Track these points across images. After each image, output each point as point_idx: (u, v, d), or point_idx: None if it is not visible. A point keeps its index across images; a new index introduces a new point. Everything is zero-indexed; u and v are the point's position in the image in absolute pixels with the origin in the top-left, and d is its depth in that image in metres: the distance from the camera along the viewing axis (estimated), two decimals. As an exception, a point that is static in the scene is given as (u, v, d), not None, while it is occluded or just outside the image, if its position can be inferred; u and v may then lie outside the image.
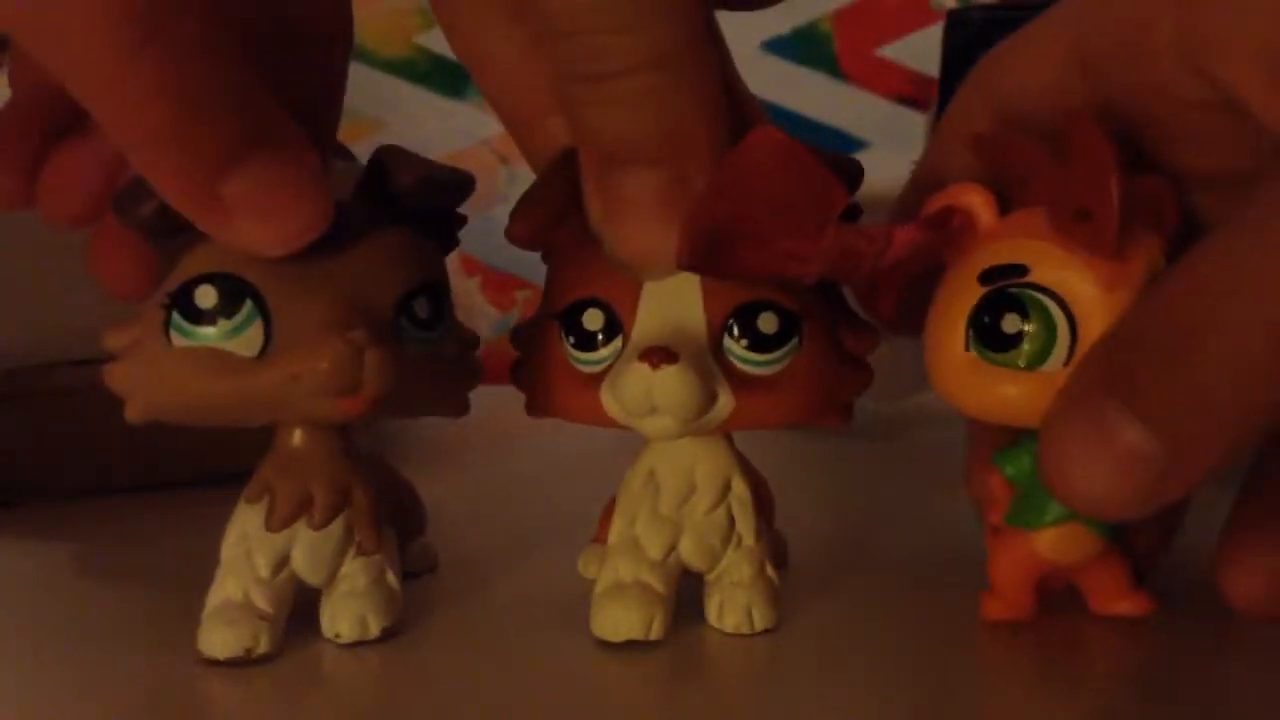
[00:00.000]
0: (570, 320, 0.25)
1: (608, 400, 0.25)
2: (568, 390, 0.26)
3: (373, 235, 0.25)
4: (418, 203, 0.25)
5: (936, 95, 0.46)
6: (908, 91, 0.58)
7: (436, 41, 0.58)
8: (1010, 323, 0.25)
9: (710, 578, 0.27)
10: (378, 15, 0.58)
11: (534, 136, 0.26)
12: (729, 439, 0.27)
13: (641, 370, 0.24)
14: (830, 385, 0.26)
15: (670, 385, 0.24)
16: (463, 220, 0.27)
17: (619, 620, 0.26)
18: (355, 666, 0.25)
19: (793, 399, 0.25)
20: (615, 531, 0.26)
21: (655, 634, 0.26)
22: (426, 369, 0.25)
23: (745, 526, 0.27)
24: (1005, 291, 0.25)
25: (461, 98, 0.58)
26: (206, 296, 0.24)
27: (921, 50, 0.54)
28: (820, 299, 0.26)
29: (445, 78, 0.58)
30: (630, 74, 0.21)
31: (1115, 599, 0.27)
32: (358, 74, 0.57)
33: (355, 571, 0.26)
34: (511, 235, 0.26)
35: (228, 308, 0.23)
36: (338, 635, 0.26)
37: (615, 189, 0.23)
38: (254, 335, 0.24)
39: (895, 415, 0.47)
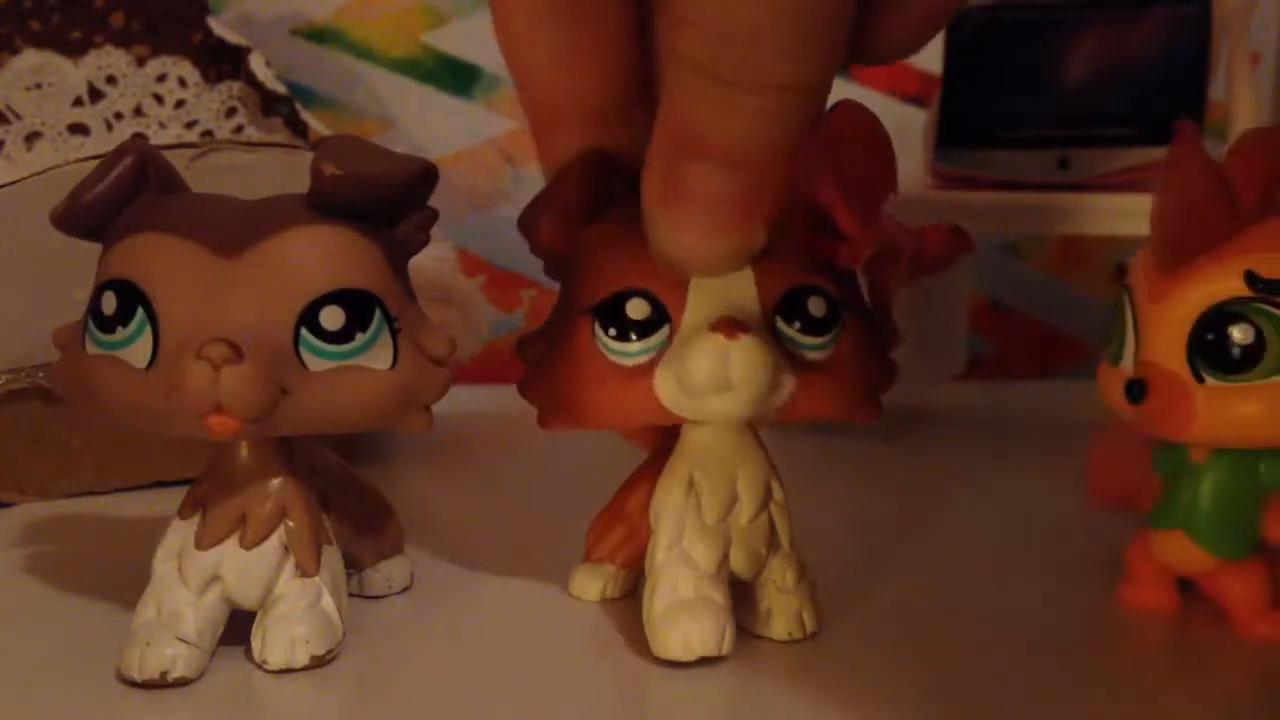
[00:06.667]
0: (610, 312, 0.24)
1: (665, 384, 0.24)
2: (604, 387, 0.24)
3: (286, 235, 0.23)
4: (349, 199, 0.23)
5: (939, 93, 0.46)
6: (912, 90, 0.58)
7: (444, 40, 0.58)
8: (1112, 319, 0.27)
9: (754, 584, 0.26)
10: (385, 14, 0.58)
11: (547, 143, 0.26)
12: (763, 443, 0.26)
13: (715, 341, 0.23)
14: (870, 376, 0.26)
15: (748, 355, 0.23)
16: (428, 219, 0.25)
17: (691, 637, 0.24)
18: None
19: (841, 385, 0.25)
20: (662, 547, 0.25)
21: (727, 648, 0.25)
22: (340, 386, 0.23)
23: (784, 531, 0.26)
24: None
25: (468, 97, 0.58)
26: (109, 303, 0.23)
27: (926, 48, 0.54)
28: (852, 290, 0.25)
29: (452, 77, 0.58)
30: (764, 92, 0.21)
31: (1251, 618, 0.27)
32: (364, 73, 0.58)
33: (290, 594, 0.24)
34: (538, 239, 0.25)
35: (124, 316, 0.23)
36: (265, 661, 0.24)
37: (687, 180, 0.22)
38: (143, 346, 0.23)
39: (901, 415, 0.47)
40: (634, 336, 0.24)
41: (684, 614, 0.25)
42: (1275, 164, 0.25)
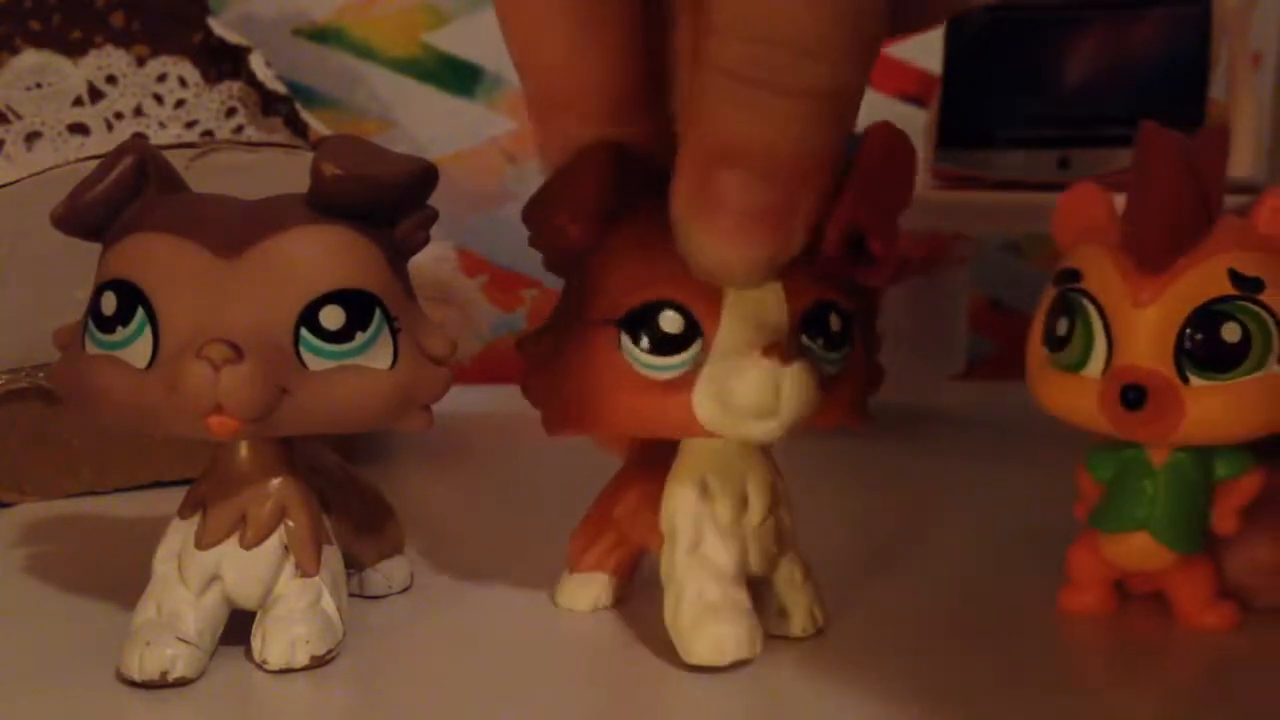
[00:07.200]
0: (640, 324, 0.24)
1: (705, 403, 0.23)
2: (631, 399, 0.24)
3: (286, 235, 0.23)
4: (349, 199, 0.23)
5: (939, 93, 0.46)
6: (911, 90, 0.58)
7: (444, 40, 0.58)
8: (1061, 325, 0.26)
9: (766, 583, 0.26)
10: (386, 14, 0.58)
11: (550, 131, 0.25)
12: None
13: (768, 368, 0.23)
14: (864, 384, 0.26)
15: (798, 381, 0.23)
16: (428, 218, 0.25)
17: (724, 640, 0.24)
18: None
19: (848, 398, 0.25)
20: (681, 552, 0.25)
21: (757, 649, 0.25)
22: (340, 386, 0.23)
23: (790, 529, 0.26)
24: (1064, 294, 0.26)
25: (470, 97, 0.58)
26: (109, 303, 0.23)
27: (927, 48, 0.54)
28: (859, 303, 0.25)
29: (453, 76, 0.58)
30: (796, 95, 0.21)
31: (1199, 611, 0.27)
32: (365, 72, 0.58)
33: (290, 594, 0.24)
34: (567, 236, 0.24)
35: (124, 316, 0.23)
36: (265, 661, 0.24)
37: (718, 189, 0.21)
38: (143, 346, 0.23)
39: (901, 415, 0.47)
40: (669, 351, 0.24)
41: (713, 619, 0.24)
42: (1224, 161, 0.25)
